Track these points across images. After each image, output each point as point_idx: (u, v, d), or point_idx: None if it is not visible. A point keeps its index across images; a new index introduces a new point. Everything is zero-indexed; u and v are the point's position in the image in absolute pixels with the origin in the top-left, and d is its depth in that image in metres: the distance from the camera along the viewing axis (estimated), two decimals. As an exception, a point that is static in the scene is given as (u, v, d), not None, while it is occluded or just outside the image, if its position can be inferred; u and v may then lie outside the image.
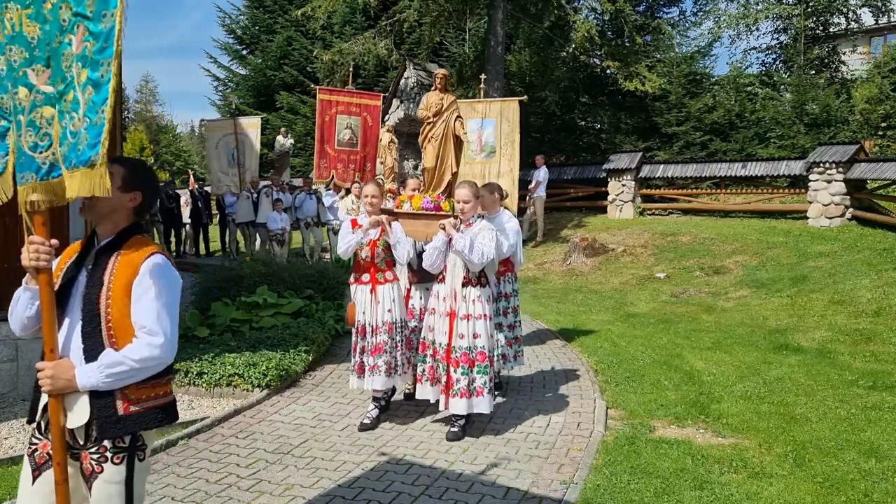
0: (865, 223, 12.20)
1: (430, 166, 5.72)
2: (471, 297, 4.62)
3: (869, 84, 16.68)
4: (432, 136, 5.75)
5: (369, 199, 4.91)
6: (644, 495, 3.78)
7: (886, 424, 4.87)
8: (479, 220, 4.75)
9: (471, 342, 4.58)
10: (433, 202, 5.44)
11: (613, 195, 16.08)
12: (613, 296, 10.57)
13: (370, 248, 4.89)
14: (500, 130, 7.08)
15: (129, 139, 30.26)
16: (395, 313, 4.93)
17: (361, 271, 4.95)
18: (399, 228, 4.93)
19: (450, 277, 4.67)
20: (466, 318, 4.60)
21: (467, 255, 4.43)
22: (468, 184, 4.75)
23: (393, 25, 16.40)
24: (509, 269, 5.67)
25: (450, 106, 5.75)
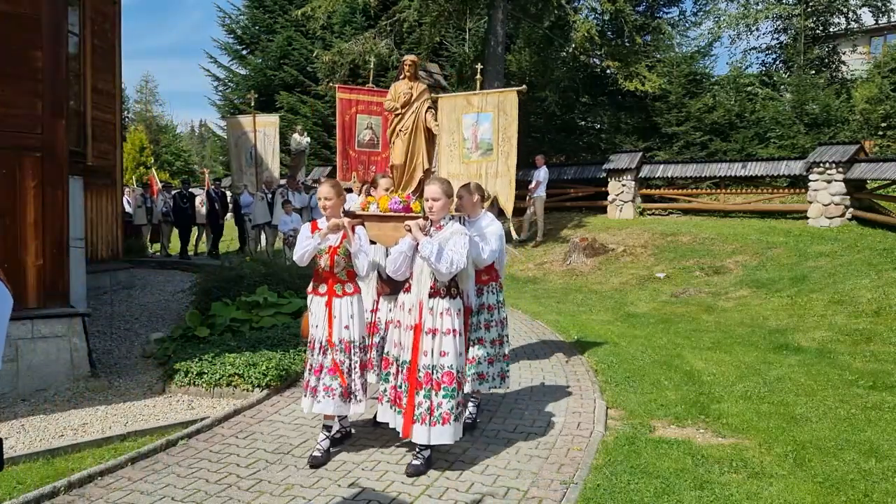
0: (865, 223, 12.20)
1: (399, 163, 5.20)
2: (438, 309, 4.07)
3: (869, 84, 16.69)
4: (401, 129, 5.25)
5: (322, 202, 4.36)
6: (644, 495, 3.78)
7: (886, 424, 4.87)
8: (451, 222, 4.22)
9: (435, 361, 4.01)
10: (402, 203, 4.87)
11: (613, 195, 16.08)
12: (613, 296, 10.57)
13: (329, 256, 4.34)
14: (498, 125, 6.40)
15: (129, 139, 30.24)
16: (353, 331, 4.36)
17: (319, 281, 4.41)
18: (363, 235, 4.41)
19: (416, 286, 4.14)
20: (432, 334, 4.04)
21: (434, 262, 3.91)
22: (438, 180, 4.25)
23: (393, 25, 16.40)
24: (493, 277, 5.07)
25: (420, 95, 5.25)
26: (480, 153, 6.57)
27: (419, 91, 5.29)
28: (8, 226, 5.48)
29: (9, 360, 5.49)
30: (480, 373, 4.87)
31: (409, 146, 5.20)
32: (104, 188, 10.27)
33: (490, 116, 6.48)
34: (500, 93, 6.51)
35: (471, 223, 4.90)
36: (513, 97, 6.39)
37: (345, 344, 4.34)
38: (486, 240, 4.82)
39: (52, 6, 5.71)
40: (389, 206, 4.89)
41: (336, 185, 4.47)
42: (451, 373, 4.02)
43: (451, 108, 6.66)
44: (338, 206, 4.43)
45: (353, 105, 10.57)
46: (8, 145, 5.47)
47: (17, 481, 3.91)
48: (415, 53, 15.24)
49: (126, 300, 9.74)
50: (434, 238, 4.08)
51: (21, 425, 4.85)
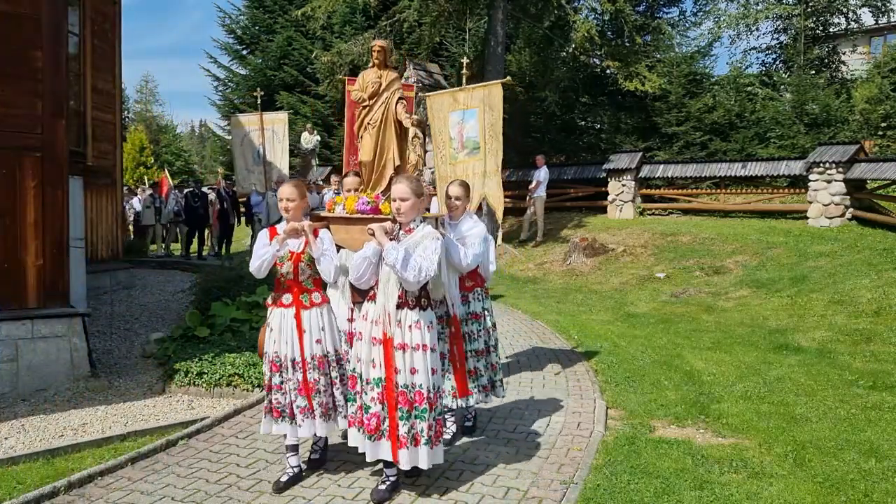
0: (865, 223, 12.20)
1: (368, 160, 4.79)
2: (407, 321, 3.68)
3: (869, 84, 16.68)
4: (369, 122, 4.81)
5: (284, 203, 4.01)
6: (644, 495, 3.78)
7: (886, 424, 4.87)
8: (422, 225, 3.80)
9: (407, 378, 3.66)
10: (371, 204, 4.44)
11: (613, 195, 16.09)
12: (613, 296, 10.57)
13: (293, 263, 3.97)
14: (484, 122, 5.98)
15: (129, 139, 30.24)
16: (325, 344, 4.01)
17: (282, 291, 4.01)
18: (327, 238, 4.05)
19: (381, 296, 3.72)
20: (402, 349, 3.67)
21: (399, 270, 3.53)
22: (407, 178, 3.85)
23: (393, 25, 16.39)
24: (478, 283, 4.74)
25: (390, 85, 4.80)
26: (467, 152, 6.16)
27: (389, 80, 4.82)
28: (8, 226, 5.48)
29: (9, 360, 5.49)
30: (483, 385, 4.65)
31: (378, 141, 4.77)
32: (104, 188, 10.27)
33: (476, 113, 6.08)
34: (485, 86, 6.08)
35: (452, 225, 4.59)
36: (497, 90, 5.98)
37: (318, 360, 3.98)
38: (469, 243, 4.49)
39: (52, 6, 5.71)
40: (356, 207, 4.45)
41: (299, 185, 4.13)
42: (422, 392, 3.66)
43: (438, 107, 6.29)
44: (300, 209, 4.07)
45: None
46: (8, 145, 5.47)
47: (17, 481, 3.91)
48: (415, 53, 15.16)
49: (126, 300, 9.74)
50: (402, 243, 3.70)
51: (21, 425, 4.85)
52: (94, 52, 9.70)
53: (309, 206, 4.29)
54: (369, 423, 3.67)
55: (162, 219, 16.80)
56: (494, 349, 4.80)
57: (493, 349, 4.79)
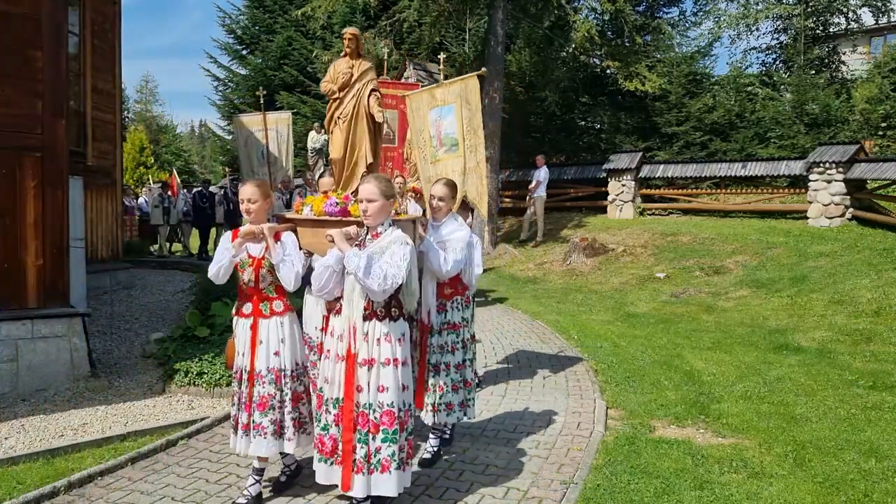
0: (865, 223, 12.20)
1: (338, 157, 4.47)
2: (374, 334, 3.38)
3: (869, 84, 16.68)
4: (339, 116, 4.47)
5: (245, 205, 3.72)
6: (644, 495, 3.78)
7: (886, 424, 4.87)
8: (391, 229, 3.49)
9: (372, 398, 3.34)
10: (340, 205, 4.09)
11: (613, 195, 16.09)
12: (613, 296, 10.57)
13: (254, 269, 3.71)
14: (461, 116, 5.64)
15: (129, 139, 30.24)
16: (283, 357, 3.71)
17: (243, 300, 3.78)
18: (290, 242, 3.76)
19: (347, 307, 3.43)
20: (368, 365, 3.35)
21: (361, 278, 3.23)
22: (375, 178, 3.51)
23: (393, 25, 16.39)
24: (458, 291, 4.36)
25: (363, 75, 4.47)
26: (445, 150, 5.77)
27: (362, 70, 4.48)
28: (8, 226, 5.48)
29: (9, 360, 5.49)
30: (448, 403, 4.22)
31: (349, 137, 4.43)
32: (104, 188, 10.27)
33: (453, 108, 5.72)
34: (462, 80, 5.72)
35: (434, 227, 4.28)
36: (474, 83, 5.61)
37: (274, 373, 3.68)
38: (451, 248, 4.16)
39: (52, 6, 5.71)
40: (324, 208, 4.08)
41: (262, 184, 3.83)
42: (392, 412, 3.33)
43: (417, 106, 6.00)
44: (263, 210, 3.77)
45: None
46: (8, 145, 5.47)
47: (17, 481, 3.91)
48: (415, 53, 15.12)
49: (126, 300, 9.74)
50: (368, 248, 3.40)
51: (21, 425, 4.85)
52: (94, 52, 9.69)
53: (274, 207, 4.01)
54: (325, 446, 3.41)
55: (171, 219, 16.82)
56: (471, 364, 4.40)
57: (470, 364, 4.38)
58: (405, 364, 3.46)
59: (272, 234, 3.69)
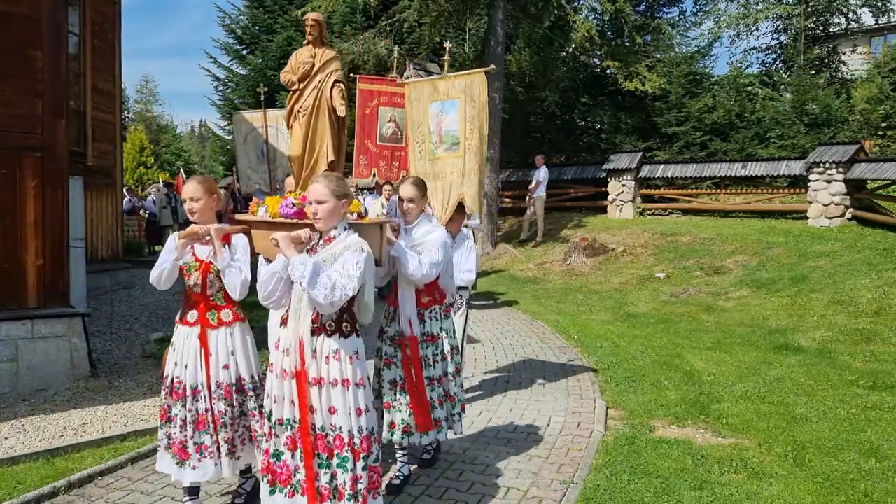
0: (865, 223, 12.20)
1: (297, 154, 4.16)
2: (323, 351, 3.06)
3: (869, 84, 16.69)
4: (299, 109, 4.15)
5: (189, 204, 3.42)
6: (644, 495, 3.78)
7: (886, 424, 4.87)
8: (346, 234, 3.15)
9: (325, 420, 3.03)
10: (296, 206, 3.74)
11: (613, 195, 16.09)
12: (613, 296, 10.57)
13: (200, 274, 3.40)
14: (465, 114, 5.30)
15: (129, 139, 30.25)
16: (234, 370, 3.42)
17: (189, 307, 3.45)
18: (240, 246, 3.47)
19: (293, 319, 3.12)
20: (318, 384, 3.04)
21: (306, 288, 2.91)
22: (326, 177, 3.18)
23: (393, 25, 16.39)
24: (436, 300, 4.02)
25: (325, 65, 4.12)
26: (445, 148, 5.42)
27: (325, 60, 4.14)
28: (8, 226, 5.48)
29: (9, 360, 5.49)
30: (437, 420, 3.92)
31: (309, 132, 4.10)
32: (104, 188, 10.27)
33: (456, 104, 5.37)
34: (468, 75, 5.40)
35: (406, 230, 3.98)
36: (480, 80, 5.30)
37: (224, 388, 3.38)
38: (425, 251, 3.85)
39: (52, 6, 5.71)
40: (279, 210, 3.74)
41: (205, 181, 3.49)
42: (342, 437, 3.02)
43: (417, 97, 5.66)
44: (209, 209, 3.45)
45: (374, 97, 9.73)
46: (8, 145, 5.47)
47: (17, 481, 3.91)
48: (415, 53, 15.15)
49: (126, 300, 9.74)
50: (318, 254, 3.09)
51: (21, 425, 4.85)
52: (94, 52, 9.69)
53: (222, 206, 3.62)
54: (280, 473, 3.06)
55: (179, 218, 16.81)
56: (454, 377, 4.09)
57: (453, 377, 4.07)
58: (360, 385, 3.10)
59: (219, 236, 3.37)
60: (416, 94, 5.66)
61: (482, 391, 5.90)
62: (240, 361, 3.44)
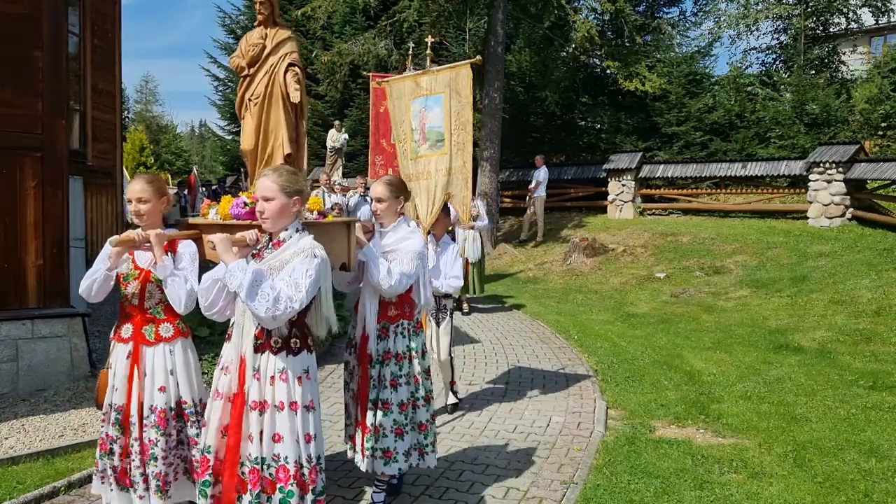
0: (865, 223, 12.20)
1: (249, 148, 3.78)
2: (267, 370, 2.74)
3: (869, 84, 16.69)
4: (251, 97, 3.78)
5: (134, 206, 3.05)
6: (644, 495, 3.78)
7: (886, 424, 4.87)
8: (298, 236, 2.80)
9: (266, 450, 2.70)
10: (249, 206, 3.35)
11: (613, 195, 16.09)
12: (613, 296, 10.58)
13: (140, 283, 3.04)
14: (450, 109, 4.96)
15: (129, 139, 30.26)
16: (172, 392, 3.04)
17: (123, 320, 3.10)
18: (187, 254, 3.10)
19: (236, 333, 2.83)
20: (260, 409, 2.72)
21: (245, 299, 2.58)
22: (274, 171, 2.82)
23: (393, 25, 16.39)
24: (404, 314, 3.61)
25: (278, 47, 3.70)
26: (429, 145, 5.08)
27: (277, 41, 3.72)
28: (8, 226, 5.48)
29: (9, 360, 5.49)
30: (385, 449, 3.46)
31: (261, 123, 3.72)
32: (104, 188, 10.27)
33: (440, 99, 5.02)
34: (452, 68, 5.06)
35: (381, 234, 3.61)
36: (465, 73, 4.96)
37: (158, 414, 2.99)
38: (398, 259, 3.47)
39: (52, 6, 5.71)
40: (230, 211, 3.34)
41: (153, 181, 3.13)
42: (287, 467, 2.69)
43: (398, 94, 5.34)
44: (157, 212, 3.09)
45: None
46: (8, 145, 5.47)
47: (17, 481, 3.91)
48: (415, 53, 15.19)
49: (126, 300, 9.73)
50: (265, 260, 2.76)
51: (21, 425, 4.85)
52: (94, 52, 9.69)
53: (171, 208, 3.40)
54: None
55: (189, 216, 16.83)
56: (425, 404, 3.64)
57: (423, 403, 3.63)
58: (309, 409, 2.76)
59: (161, 243, 2.96)
60: (397, 91, 5.37)
61: (482, 391, 5.90)
62: (180, 382, 3.08)
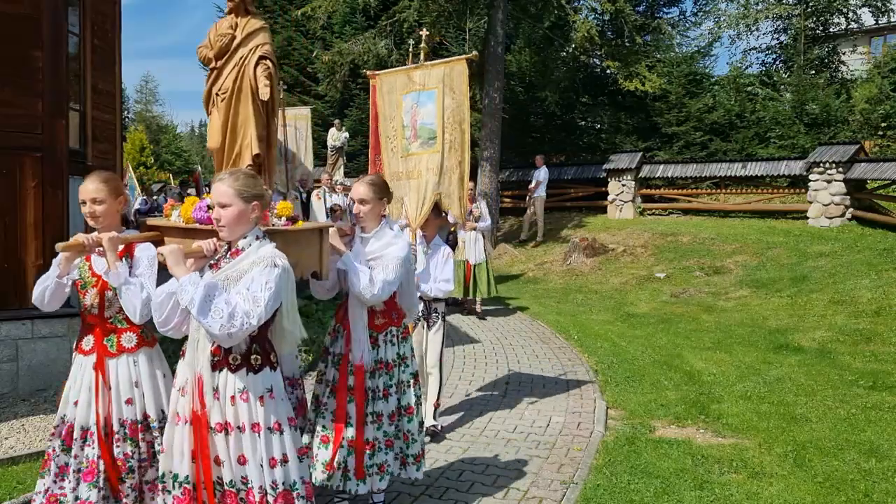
0: (865, 223, 12.20)
1: (215, 146, 3.54)
2: (227, 390, 2.54)
3: (869, 84, 16.69)
4: (218, 92, 3.52)
5: (89, 207, 2.84)
6: (644, 495, 3.78)
7: (886, 424, 4.87)
8: (259, 244, 2.60)
9: (235, 472, 2.53)
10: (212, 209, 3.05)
11: (613, 195, 16.09)
12: (613, 296, 10.57)
13: (98, 292, 2.86)
14: (443, 106, 4.73)
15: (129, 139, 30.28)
16: (138, 405, 2.89)
17: (85, 331, 2.92)
18: (144, 259, 2.88)
19: (191, 351, 2.62)
20: (223, 431, 2.54)
21: (196, 315, 2.39)
22: (231, 175, 2.61)
23: (393, 25, 16.39)
24: (392, 321, 3.46)
25: (249, 38, 3.47)
26: (420, 143, 4.83)
27: (248, 32, 3.48)
28: (8, 226, 5.48)
29: (9, 360, 5.49)
30: (380, 464, 3.33)
31: (229, 119, 3.47)
32: (104, 188, 10.26)
33: (434, 95, 4.79)
34: (447, 63, 4.85)
35: (362, 239, 3.42)
36: (461, 68, 4.74)
37: (129, 426, 2.85)
38: (381, 265, 3.29)
39: (52, 6, 5.71)
40: (193, 214, 3.06)
41: (109, 179, 2.89)
42: (253, 492, 2.53)
43: (390, 88, 5.09)
44: (114, 213, 2.89)
45: None
46: (8, 145, 5.47)
47: (17, 481, 3.91)
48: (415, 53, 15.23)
49: (126, 300, 9.73)
50: (221, 271, 2.56)
51: (21, 425, 4.84)
52: (94, 52, 9.68)
53: (127, 208, 2.96)
54: None
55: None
56: (410, 413, 3.49)
57: (405, 413, 3.48)
58: (274, 430, 2.55)
59: (115, 247, 2.74)
60: (387, 86, 5.14)
61: (482, 391, 5.90)
62: (146, 394, 2.90)
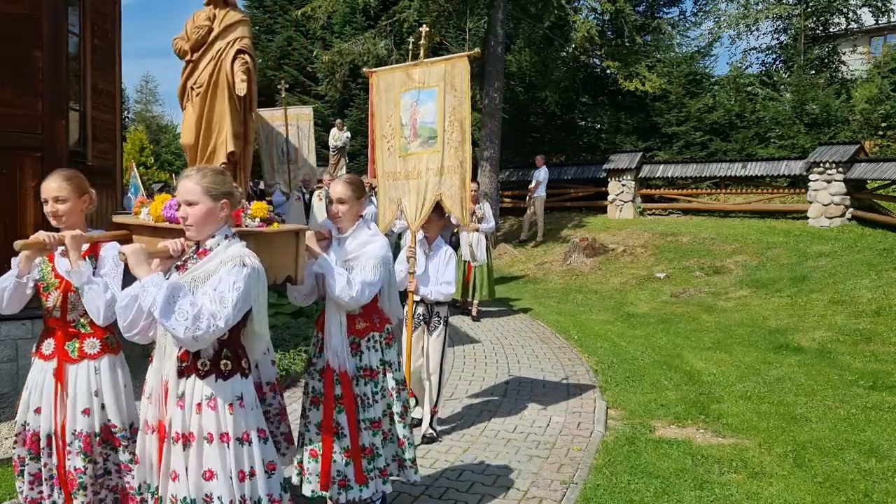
0: (865, 223, 12.20)
1: (189, 142, 3.48)
2: (193, 397, 2.40)
3: (869, 84, 16.69)
4: (193, 85, 3.43)
5: (52, 206, 2.72)
6: (644, 495, 3.78)
7: (886, 424, 4.87)
8: (227, 243, 2.47)
9: (195, 489, 2.36)
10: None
11: (613, 195, 16.09)
12: (613, 296, 10.57)
13: (60, 294, 2.73)
14: (444, 104, 4.61)
15: (129, 139, 30.27)
16: (97, 416, 2.75)
17: (46, 335, 2.82)
18: (109, 259, 2.77)
19: (158, 356, 2.54)
20: (183, 442, 2.38)
21: (160, 318, 2.28)
22: (198, 171, 2.48)
23: (393, 25, 16.39)
24: (374, 325, 3.37)
25: (227, 31, 3.35)
26: (420, 142, 4.69)
27: (226, 24, 3.37)
28: (8, 226, 5.48)
29: (9, 360, 5.49)
30: (381, 468, 3.32)
31: (203, 115, 3.37)
32: (104, 188, 10.24)
33: (434, 93, 4.64)
34: (448, 60, 4.73)
35: (339, 240, 3.33)
36: (462, 66, 4.62)
37: (83, 439, 2.71)
38: (359, 266, 3.20)
39: (52, 6, 5.71)
40: (163, 212, 2.94)
41: (73, 177, 2.76)
42: None
43: (387, 86, 4.92)
44: (78, 212, 2.76)
45: None
46: (8, 145, 5.47)
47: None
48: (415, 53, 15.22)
49: (126, 300, 9.73)
50: (189, 272, 2.44)
51: (21, 425, 4.85)
52: (94, 52, 9.68)
53: (93, 207, 2.89)
54: None
55: None
56: (402, 418, 3.45)
57: (400, 418, 3.44)
58: (243, 441, 2.40)
59: (78, 246, 2.61)
60: (385, 83, 4.98)
61: (482, 391, 5.90)
62: (107, 404, 2.77)
